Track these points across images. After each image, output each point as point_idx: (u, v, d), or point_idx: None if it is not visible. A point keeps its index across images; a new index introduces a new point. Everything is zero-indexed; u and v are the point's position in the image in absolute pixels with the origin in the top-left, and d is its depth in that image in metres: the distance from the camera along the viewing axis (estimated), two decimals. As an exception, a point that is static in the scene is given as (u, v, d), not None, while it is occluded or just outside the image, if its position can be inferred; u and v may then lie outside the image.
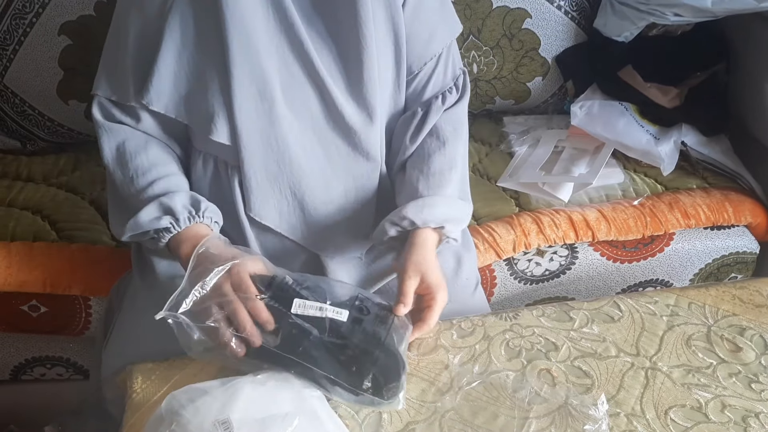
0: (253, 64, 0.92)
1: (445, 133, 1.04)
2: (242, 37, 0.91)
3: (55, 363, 1.35)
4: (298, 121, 0.98)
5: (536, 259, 1.37)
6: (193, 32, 0.93)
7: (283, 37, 0.93)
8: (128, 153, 0.97)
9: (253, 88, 0.93)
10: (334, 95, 0.96)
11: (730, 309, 0.97)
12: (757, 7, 1.38)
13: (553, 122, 1.62)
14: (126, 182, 0.96)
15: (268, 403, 0.73)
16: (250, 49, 0.91)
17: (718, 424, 0.81)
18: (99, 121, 0.99)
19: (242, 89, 0.93)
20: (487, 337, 0.92)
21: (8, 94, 1.44)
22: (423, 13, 1.00)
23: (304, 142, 0.99)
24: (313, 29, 0.95)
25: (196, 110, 0.96)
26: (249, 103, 0.94)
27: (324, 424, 0.74)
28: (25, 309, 1.24)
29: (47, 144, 1.53)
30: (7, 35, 1.39)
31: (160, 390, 0.82)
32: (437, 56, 1.04)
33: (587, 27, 1.57)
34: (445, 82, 1.07)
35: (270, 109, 0.95)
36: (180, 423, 0.69)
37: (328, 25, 0.95)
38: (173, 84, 0.95)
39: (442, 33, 1.03)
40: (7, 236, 1.26)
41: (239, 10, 0.90)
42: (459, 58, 1.10)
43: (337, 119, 0.98)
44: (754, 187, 1.45)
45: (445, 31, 1.04)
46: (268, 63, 0.93)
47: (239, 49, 0.91)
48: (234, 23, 0.90)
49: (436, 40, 1.03)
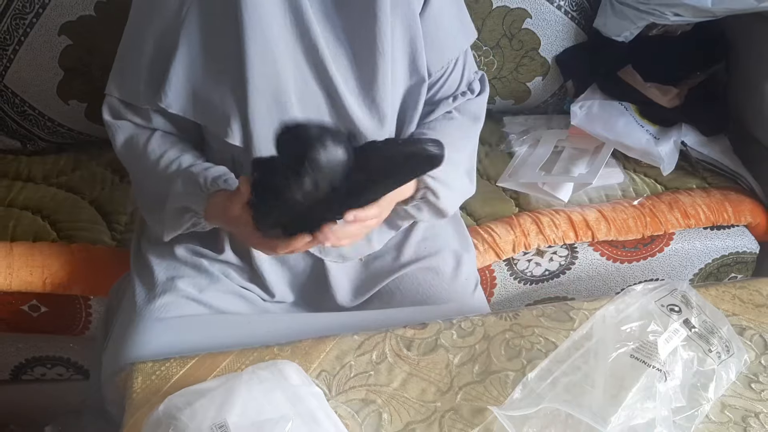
0: (269, 68, 0.92)
1: (457, 115, 1.05)
2: (259, 41, 0.91)
3: (55, 363, 1.35)
4: None
5: (536, 260, 1.37)
6: (209, 35, 0.93)
7: (299, 42, 0.93)
8: (140, 141, 1.00)
9: (267, 92, 0.93)
10: (345, 100, 0.96)
11: (729, 309, 0.97)
12: (756, 7, 1.38)
13: (553, 122, 1.62)
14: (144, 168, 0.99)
15: (264, 404, 0.73)
16: (266, 53, 0.91)
17: (718, 423, 0.81)
18: (108, 121, 1.01)
19: (257, 93, 0.93)
20: (487, 337, 0.92)
21: (8, 94, 1.44)
22: (440, 19, 1.00)
23: None
24: (330, 29, 0.95)
25: (211, 112, 0.96)
26: (263, 106, 0.94)
27: (321, 425, 0.74)
28: (26, 309, 1.24)
29: (47, 144, 1.53)
30: (8, 35, 1.39)
31: (160, 390, 0.82)
32: (454, 61, 1.04)
33: (587, 27, 1.57)
34: (458, 86, 1.07)
35: (283, 114, 0.95)
36: (177, 427, 0.70)
37: (346, 26, 0.95)
38: (190, 87, 0.95)
39: (458, 39, 1.04)
40: (8, 236, 1.26)
41: (257, 14, 0.90)
42: (473, 63, 1.10)
43: (347, 124, 0.98)
44: (753, 187, 1.45)
45: (461, 38, 1.04)
46: (283, 67, 0.93)
47: (256, 54, 0.91)
48: (252, 27, 0.90)
49: (452, 46, 1.03)
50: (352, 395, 0.83)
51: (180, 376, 0.84)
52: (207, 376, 0.84)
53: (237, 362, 0.86)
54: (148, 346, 0.92)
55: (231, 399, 0.72)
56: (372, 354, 0.88)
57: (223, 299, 1.00)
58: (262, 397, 0.74)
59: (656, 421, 0.75)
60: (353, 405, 0.82)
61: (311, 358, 0.87)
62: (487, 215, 1.37)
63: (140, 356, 0.90)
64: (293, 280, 1.06)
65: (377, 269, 1.07)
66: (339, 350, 0.88)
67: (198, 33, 0.93)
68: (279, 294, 1.05)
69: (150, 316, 0.95)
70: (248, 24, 0.90)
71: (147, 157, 0.99)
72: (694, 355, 0.81)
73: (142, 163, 1.00)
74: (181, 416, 0.71)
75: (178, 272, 1.00)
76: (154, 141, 1.00)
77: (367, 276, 1.07)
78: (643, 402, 0.76)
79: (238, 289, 1.03)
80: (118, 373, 0.90)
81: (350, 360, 0.87)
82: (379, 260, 1.07)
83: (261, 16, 0.90)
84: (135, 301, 0.99)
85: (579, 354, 0.81)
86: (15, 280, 1.20)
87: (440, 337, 0.91)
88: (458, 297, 1.05)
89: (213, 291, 1.00)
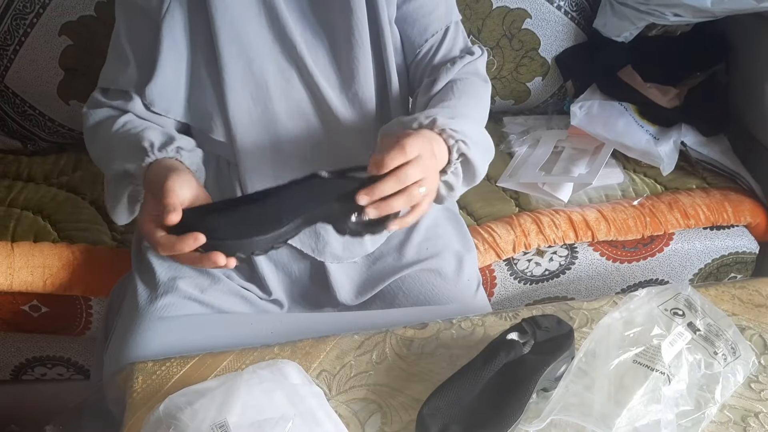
0: (245, 67, 0.94)
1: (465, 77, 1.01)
2: (233, 41, 0.92)
3: (55, 363, 1.35)
4: (293, 122, 0.99)
5: (536, 259, 1.37)
6: (189, 35, 0.94)
7: (276, 40, 0.95)
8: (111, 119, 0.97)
9: (245, 91, 0.95)
10: (327, 95, 0.97)
11: (729, 309, 0.97)
12: (756, 7, 1.38)
13: (552, 122, 1.62)
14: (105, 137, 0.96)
15: (264, 404, 0.73)
16: (241, 53, 0.93)
17: (718, 423, 0.81)
18: (85, 112, 1.00)
19: (235, 93, 0.94)
20: (488, 336, 0.92)
21: (9, 94, 1.44)
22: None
23: (298, 144, 0.99)
24: (307, 25, 0.96)
25: (195, 110, 0.97)
26: (242, 106, 0.95)
27: (321, 424, 0.74)
28: (26, 309, 1.25)
29: (48, 144, 1.53)
30: (8, 35, 1.39)
31: (161, 390, 0.82)
32: (443, 30, 1.03)
33: (587, 27, 1.57)
34: (453, 52, 1.04)
35: (263, 112, 0.96)
36: (178, 427, 0.69)
37: (323, 21, 0.96)
38: (174, 87, 0.96)
39: (442, 11, 1.03)
40: (8, 236, 1.26)
41: (229, 13, 0.91)
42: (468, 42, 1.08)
43: (329, 119, 0.99)
44: (753, 187, 1.46)
45: (444, 11, 1.03)
46: (260, 66, 0.94)
47: (230, 54, 0.92)
48: (224, 27, 0.91)
49: (437, 16, 1.02)
50: (353, 395, 0.83)
51: (180, 376, 0.84)
52: (207, 375, 0.84)
53: (237, 362, 0.86)
54: (150, 345, 0.92)
55: (231, 399, 0.72)
56: (372, 354, 0.88)
57: (224, 299, 1.00)
58: (263, 396, 0.74)
59: (661, 424, 0.75)
60: (353, 405, 0.82)
61: (311, 358, 0.87)
62: (488, 215, 1.37)
63: (143, 355, 0.90)
64: (293, 279, 1.06)
65: (379, 270, 1.07)
66: (339, 350, 0.88)
67: (178, 33, 0.94)
68: (278, 293, 1.05)
69: (152, 316, 0.96)
70: (221, 24, 0.91)
71: (111, 127, 0.95)
72: (701, 358, 0.81)
73: (104, 133, 0.96)
74: (182, 416, 0.70)
75: (179, 272, 1.01)
76: (125, 117, 0.96)
77: (368, 276, 1.07)
78: (648, 405, 0.75)
79: (239, 290, 1.03)
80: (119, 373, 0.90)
81: (350, 360, 0.87)
82: (381, 261, 1.07)
83: (233, 16, 0.91)
84: (137, 300, 0.99)
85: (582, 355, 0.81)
86: (16, 280, 1.20)
87: (440, 337, 0.91)
88: (461, 298, 1.05)
89: (214, 291, 1.00)
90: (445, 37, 1.04)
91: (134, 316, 0.97)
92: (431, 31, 1.03)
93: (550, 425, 0.77)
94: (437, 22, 1.03)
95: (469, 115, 0.94)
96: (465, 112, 0.94)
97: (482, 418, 0.75)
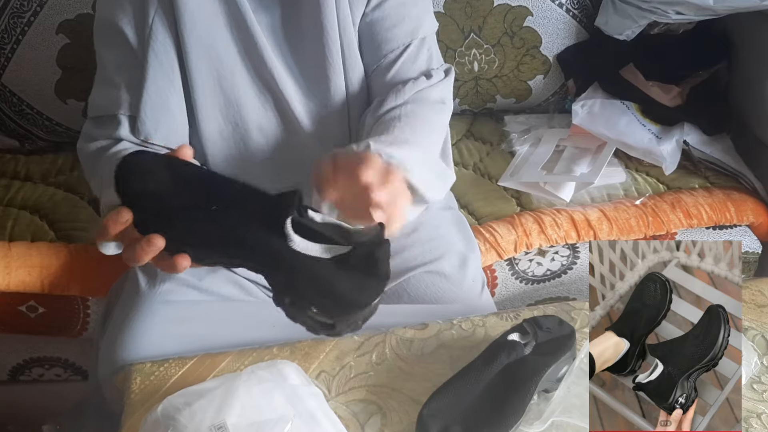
0: (215, 84, 0.96)
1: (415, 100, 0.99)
2: (202, 57, 0.94)
3: (53, 364, 1.35)
4: (264, 139, 1.01)
5: (537, 259, 1.36)
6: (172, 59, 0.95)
7: (246, 56, 0.97)
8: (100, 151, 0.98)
9: (215, 108, 0.98)
10: (297, 112, 0.99)
11: (732, 309, 0.96)
12: (759, 5, 1.38)
13: (554, 121, 1.62)
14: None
15: (263, 404, 0.73)
16: (211, 70, 0.95)
17: (722, 425, 0.81)
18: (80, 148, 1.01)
19: (206, 110, 0.97)
20: (489, 337, 0.91)
21: (6, 93, 1.44)
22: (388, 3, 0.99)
23: (270, 160, 1.02)
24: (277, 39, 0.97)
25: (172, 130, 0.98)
26: (212, 124, 0.98)
27: (320, 425, 0.74)
28: (23, 309, 1.24)
29: (45, 143, 1.53)
30: (5, 34, 1.38)
31: (159, 390, 0.82)
32: (403, 47, 1.01)
33: (589, 25, 1.56)
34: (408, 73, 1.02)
35: (234, 129, 0.99)
36: (176, 428, 0.69)
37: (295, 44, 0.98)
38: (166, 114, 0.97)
39: (406, 27, 1.01)
40: (5, 236, 1.26)
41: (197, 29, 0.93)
42: (438, 56, 1.06)
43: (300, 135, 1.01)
44: (756, 186, 1.45)
45: (410, 27, 1.02)
46: (231, 83, 0.97)
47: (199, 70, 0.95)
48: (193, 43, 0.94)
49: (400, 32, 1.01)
50: (352, 396, 0.83)
51: (179, 377, 0.84)
52: (206, 376, 0.83)
53: (236, 362, 0.85)
54: (152, 329, 0.92)
55: (230, 399, 0.72)
56: (372, 354, 0.88)
57: (222, 286, 1.00)
58: (261, 397, 0.74)
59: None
60: (353, 406, 0.82)
61: (311, 359, 0.87)
62: (489, 215, 1.37)
63: (144, 340, 0.91)
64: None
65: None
66: (339, 351, 0.88)
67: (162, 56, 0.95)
68: None
69: (154, 299, 0.96)
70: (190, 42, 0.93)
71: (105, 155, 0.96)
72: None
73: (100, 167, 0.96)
74: (180, 417, 0.70)
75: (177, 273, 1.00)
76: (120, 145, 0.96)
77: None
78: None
79: (237, 278, 1.03)
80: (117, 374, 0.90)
81: (350, 360, 0.87)
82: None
83: (202, 35, 0.94)
84: (138, 286, 0.99)
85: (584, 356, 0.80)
86: (13, 280, 1.20)
87: (441, 338, 0.91)
88: (466, 299, 1.04)
89: (212, 278, 1.00)
90: (402, 56, 1.01)
91: (135, 300, 0.97)
92: (390, 47, 1.01)
93: (551, 427, 0.77)
94: (399, 38, 1.01)
95: (410, 141, 0.92)
96: (406, 138, 0.92)
97: (483, 420, 0.75)
